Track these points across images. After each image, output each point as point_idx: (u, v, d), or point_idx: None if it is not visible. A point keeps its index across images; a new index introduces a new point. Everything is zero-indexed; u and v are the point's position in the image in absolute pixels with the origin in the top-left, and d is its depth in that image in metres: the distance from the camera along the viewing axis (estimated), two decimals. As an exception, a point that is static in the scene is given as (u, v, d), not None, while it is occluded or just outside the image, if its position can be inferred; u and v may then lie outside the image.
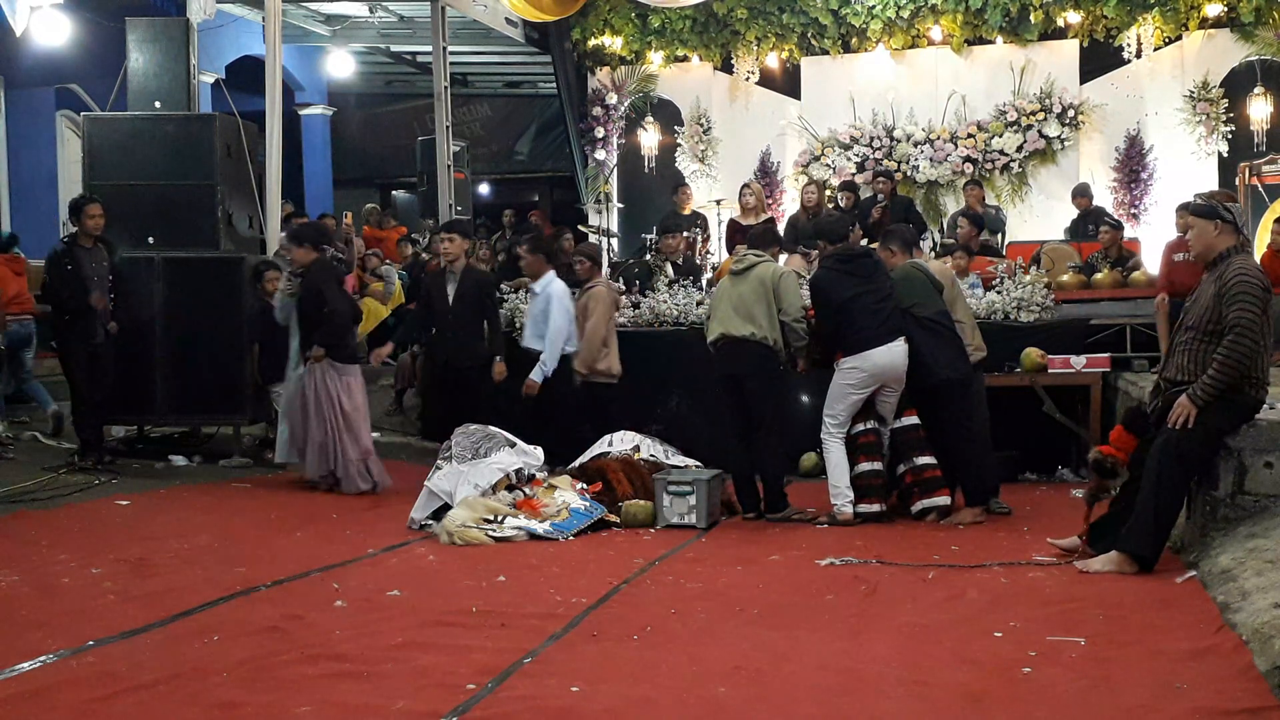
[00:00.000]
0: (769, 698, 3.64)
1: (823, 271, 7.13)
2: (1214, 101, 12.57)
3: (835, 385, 6.85)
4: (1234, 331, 5.03)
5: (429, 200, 12.68)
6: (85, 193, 9.00)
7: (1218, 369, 5.05)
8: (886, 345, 6.71)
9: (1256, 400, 5.20)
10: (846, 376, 6.79)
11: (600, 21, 14.21)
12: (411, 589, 5.15)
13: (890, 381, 6.78)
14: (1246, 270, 5.10)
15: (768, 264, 7.20)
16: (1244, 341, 5.02)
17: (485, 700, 3.60)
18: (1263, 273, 5.18)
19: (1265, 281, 5.13)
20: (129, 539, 6.29)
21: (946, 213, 13.02)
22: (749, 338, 6.96)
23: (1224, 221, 5.22)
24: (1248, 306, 5.03)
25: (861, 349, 6.72)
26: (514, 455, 7.03)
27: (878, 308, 6.76)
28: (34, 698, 3.64)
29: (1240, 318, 5.02)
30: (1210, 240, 5.24)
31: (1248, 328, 5.02)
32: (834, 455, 6.84)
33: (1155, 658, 3.91)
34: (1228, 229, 5.22)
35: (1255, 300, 5.04)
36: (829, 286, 6.92)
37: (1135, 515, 5.17)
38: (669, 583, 5.32)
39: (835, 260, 7.07)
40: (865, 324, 6.72)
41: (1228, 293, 5.08)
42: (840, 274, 6.92)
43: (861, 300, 6.77)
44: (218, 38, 12.66)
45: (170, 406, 9.13)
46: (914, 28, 13.44)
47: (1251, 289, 5.05)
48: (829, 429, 6.86)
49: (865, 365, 6.73)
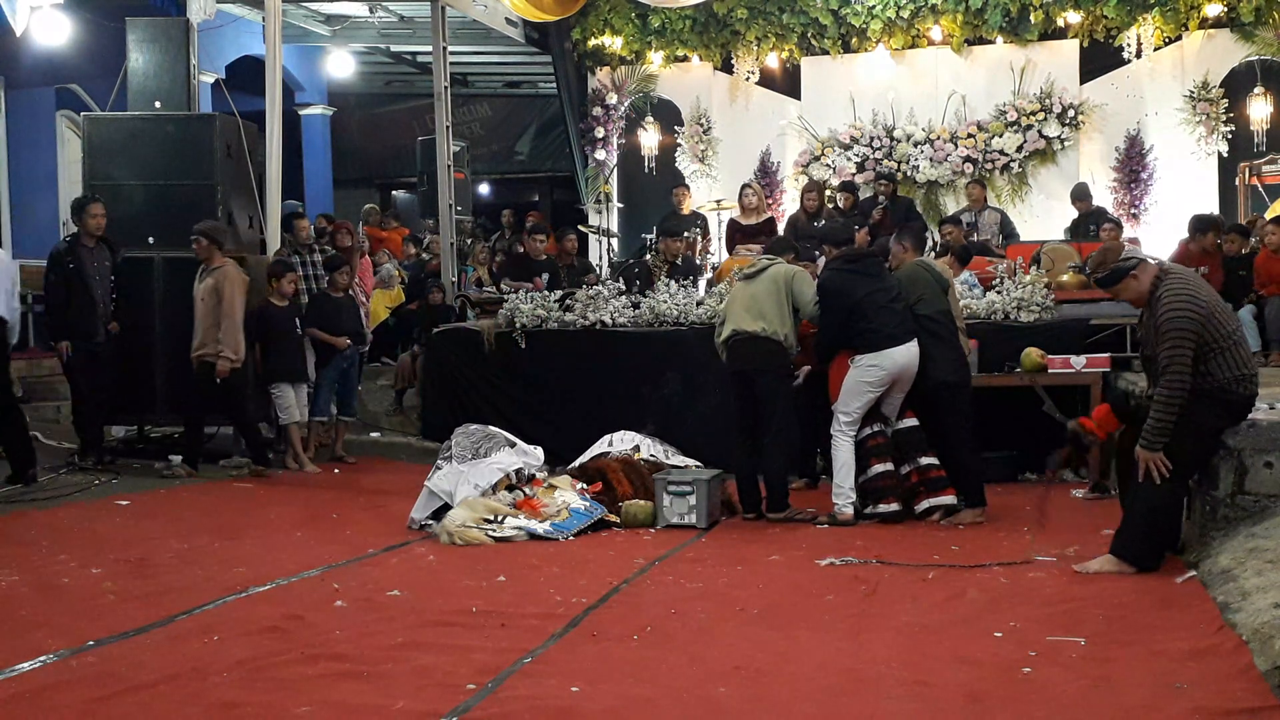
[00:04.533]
0: (769, 698, 3.64)
1: (831, 273, 7.09)
2: (1214, 101, 12.57)
3: (852, 382, 6.79)
4: (1167, 373, 5.04)
5: (429, 200, 12.68)
6: (86, 192, 9.01)
7: (1158, 412, 5.06)
8: (905, 345, 6.70)
9: (1245, 395, 5.18)
10: (865, 374, 6.75)
11: (600, 21, 14.20)
12: (411, 589, 5.15)
13: (903, 381, 6.77)
14: (1173, 304, 5.07)
15: (780, 265, 7.17)
16: (1176, 380, 5.01)
17: (485, 700, 3.60)
18: (1192, 296, 5.10)
19: (1195, 305, 5.06)
20: (129, 539, 6.30)
21: (946, 213, 13.03)
22: (759, 334, 6.94)
23: (1131, 270, 5.23)
24: (1176, 343, 5.01)
25: (882, 346, 6.68)
26: (514, 455, 7.03)
27: (891, 305, 6.77)
28: (34, 698, 3.64)
29: (1171, 356, 5.02)
30: (1139, 290, 5.26)
31: (1178, 363, 5.00)
32: (842, 454, 6.81)
33: (1155, 658, 3.91)
34: (1142, 267, 5.24)
35: (1182, 334, 5.01)
36: (841, 287, 6.87)
37: (1125, 520, 5.19)
38: (669, 583, 5.32)
39: (843, 261, 7.06)
40: (884, 321, 6.70)
41: (1159, 329, 5.10)
42: (850, 274, 6.91)
43: (875, 298, 6.76)
44: (218, 38, 12.65)
45: (170, 406, 9.14)
46: (914, 28, 13.44)
47: (1178, 323, 5.03)
48: (841, 426, 6.82)
49: (885, 363, 6.69)
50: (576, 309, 9.54)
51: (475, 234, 14.26)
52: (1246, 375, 5.15)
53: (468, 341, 9.73)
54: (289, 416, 8.89)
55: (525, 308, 9.55)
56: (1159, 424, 5.05)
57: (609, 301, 9.52)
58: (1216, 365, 5.09)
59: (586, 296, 9.64)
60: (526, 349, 9.50)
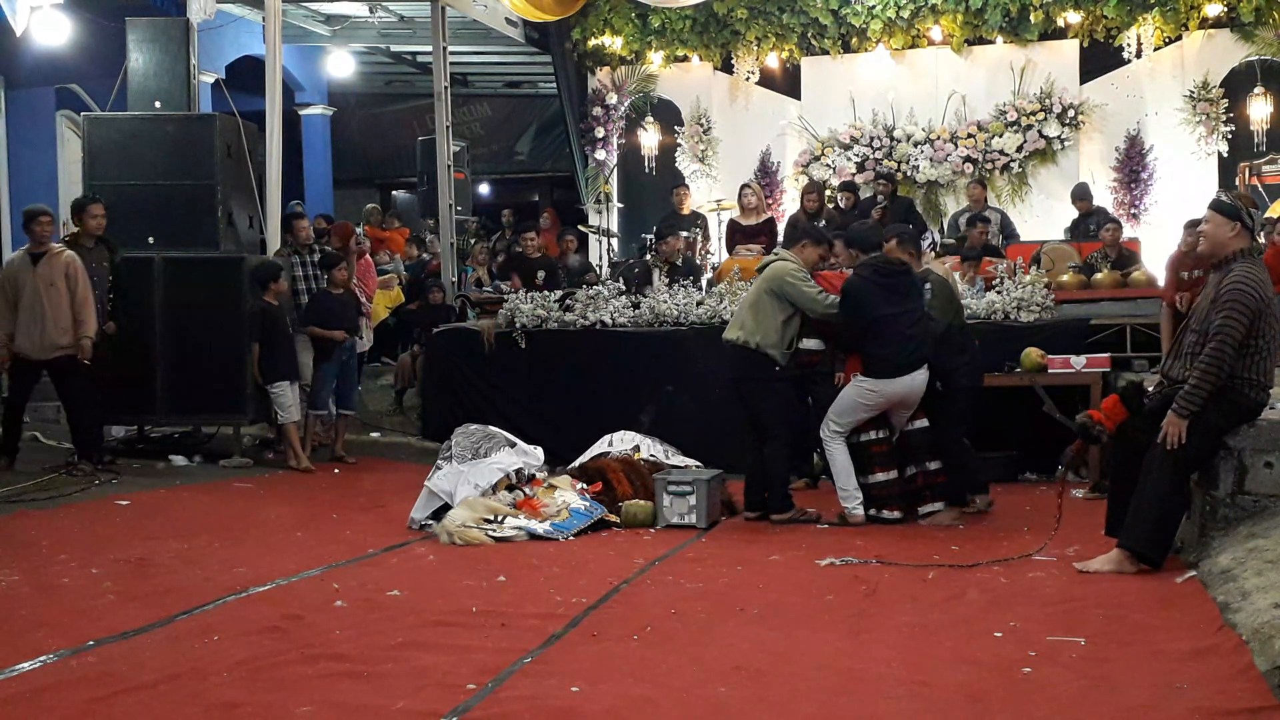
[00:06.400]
0: (769, 698, 3.63)
1: (858, 280, 6.76)
2: (1214, 101, 12.57)
3: (848, 398, 6.69)
4: (1216, 339, 5.02)
5: (429, 200, 12.69)
6: (87, 193, 9.00)
7: (1199, 377, 5.04)
8: (909, 375, 6.57)
9: (1256, 402, 5.19)
10: (862, 395, 6.64)
11: (600, 21, 14.21)
12: (411, 589, 5.14)
13: (907, 403, 6.68)
14: (1244, 279, 5.06)
15: (775, 265, 7.02)
16: (1226, 349, 5.00)
17: (485, 700, 3.60)
18: (1262, 283, 5.11)
19: (1262, 292, 5.08)
20: (129, 539, 6.29)
21: (947, 213, 13.04)
22: (736, 342, 6.90)
23: (1243, 226, 5.21)
24: (1234, 314, 5.00)
25: (885, 375, 6.56)
26: (514, 455, 7.03)
27: (910, 333, 6.58)
28: (34, 698, 3.64)
29: (1224, 324, 5.01)
30: (1224, 239, 5.19)
31: (1230, 335, 5.00)
32: (839, 458, 6.74)
33: (1155, 658, 3.91)
34: (1244, 234, 5.21)
35: (1243, 309, 5.00)
36: (863, 298, 6.65)
37: (1133, 512, 5.17)
38: (669, 583, 5.32)
39: (873, 272, 6.74)
40: (892, 349, 6.54)
41: (1220, 298, 5.08)
42: (877, 288, 6.67)
43: (895, 323, 6.57)
44: (218, 38, 12.65)
45: (170, 406, 9.14)
46: (914, 28, 13.44)
47: (1243, 297, 5.02)
48: (831, 432, 6.76)
49: (885, 390, 6.60)
50: (576, 309, 9.54)
51: (477, 234, 14.28)
52: (1264, 384, 5.16)
53: (468, 341, 9.74)
54: (288, 416, 8.89)
55: (525, 308, 9.56)
56: (1198, 390, 5.02)
57: (609, 301, 9.53)
58: (1243, 365, 5.09)
59: (586, 296, 9.65)
60: (526, 349, 9.51)
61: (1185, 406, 5.06)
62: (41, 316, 8.13)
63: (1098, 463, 7.43)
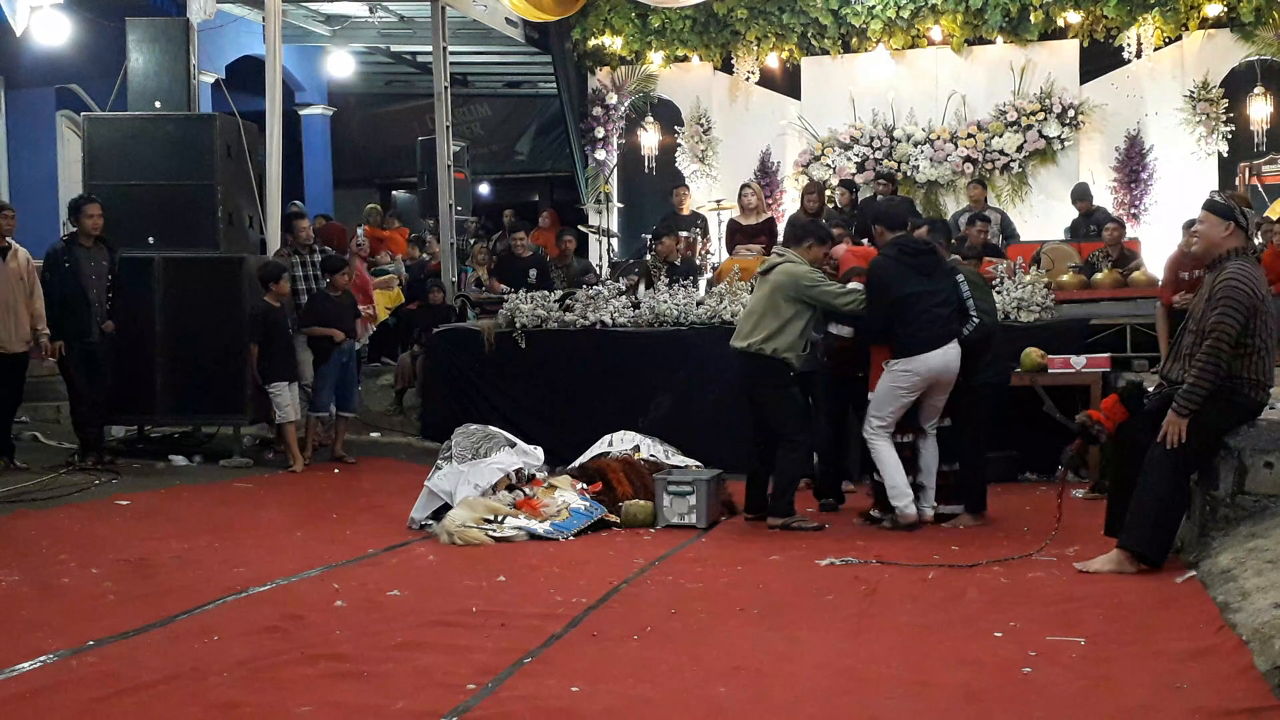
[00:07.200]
0: (769, 698, 3.64)
1: (883, 259, 6.59)
2: (1214, 101, 12.57)
3: (885, 387, 6.53)
4: (1211, 336, 5.02)
5: (429, 200, 12.68)
6: (85, 193, 9.01)
7: (1197, 375, 5.04)
8: (941, 349, 6.43)
9: (1256, 402, 5.19)
10: (897, 379, 6.48)
11: (600, 21, 14.21)
12: (411, 589, 5.14)
13: (942, 384, 6.53)
14: (1238, 277, 5.06)
15: (784, 265, 6.78)
16: (1222, 346, 5.00)
17: (485, 700, 3.60)
18: (1256, 281, 5.10)
19: (1257, 289, 5.07)
20: (129, 539, 6.29)
21: (947, 213, 13.01)
22: (745, 349, 6.72)
23: (1237, 225, 5.21)
24: (1228, 312, 5.00)
25: (915, 351, 6.41)
26: (514, 455, 7.03)
27: (937, 311, 6.45)
28: (34, 698, 3.64)
29: (1219, 322, 5.00)
30: (1218, 239, 5.20)
31: (1225, 332, 4.99)
32: (885, 455, 6.55)
33: (1155, 658, 3.91)
34: (1238, 233, 5.21)
35: (1238, 306, 5.00)
36: (888, 277, 6.45)
37: (1133, 512, 5.17)
38: (669, 583, 5.32)
39: (898, 250, 6.56)
40: (921, 326, 6.41)
41: (1214, 296, 5.08)
42: (902, 266, 6.48)
43: (921, 301, 6.43)
44: (218, 38, 12.65)
45: (170, 406, 9.14)
46: (914, 28, 13.44)
47: (1237, 294, 5.01)
48: (874, 429, 6.57)
49: (919, 368, 6.43)
50: (576, 309, 9.54)
51: (477, 234, 14.28)
52: (1263, 384, 5.16)
53: (468, 341, 9.73)
54: (286, 416, 8.89)
55: (525, 308, 9.56)
56: (1196, 390, 5.02)
57: (609, 301, 9.52)
58: (1241, 364, 5.09)
59: (586, 296, 9.64)
60: (526, 349, 9.50)
61: (1185, 405, 5.06)
62: (15, 309, 8.31)
63: (1098, 463, 7.42)
